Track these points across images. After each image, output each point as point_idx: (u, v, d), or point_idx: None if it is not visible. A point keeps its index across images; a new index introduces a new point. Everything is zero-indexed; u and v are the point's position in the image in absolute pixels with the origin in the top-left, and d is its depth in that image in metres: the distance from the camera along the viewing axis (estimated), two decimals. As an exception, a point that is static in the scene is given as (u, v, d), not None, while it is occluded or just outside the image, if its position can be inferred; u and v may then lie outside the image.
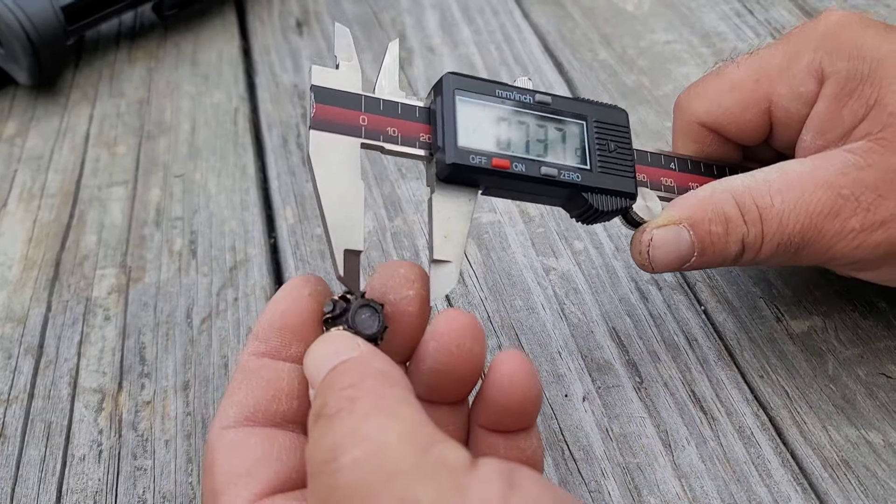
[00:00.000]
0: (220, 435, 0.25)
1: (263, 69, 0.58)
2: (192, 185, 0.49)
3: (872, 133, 0.31)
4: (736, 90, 0.34)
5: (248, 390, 0.26)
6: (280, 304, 0.27)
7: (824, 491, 0.32)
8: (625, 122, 0.33)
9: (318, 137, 0.29)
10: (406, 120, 0.31)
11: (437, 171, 0.30)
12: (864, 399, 0.35)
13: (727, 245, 0.31)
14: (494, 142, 0.31)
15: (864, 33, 0.32)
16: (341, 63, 0.31)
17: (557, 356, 0.38)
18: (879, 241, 0.30)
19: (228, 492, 0.24)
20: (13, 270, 0.45)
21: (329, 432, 0.21)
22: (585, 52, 0.56)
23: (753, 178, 0.32)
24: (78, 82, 0.58)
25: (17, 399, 0.38)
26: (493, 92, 0.31)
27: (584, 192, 0.31)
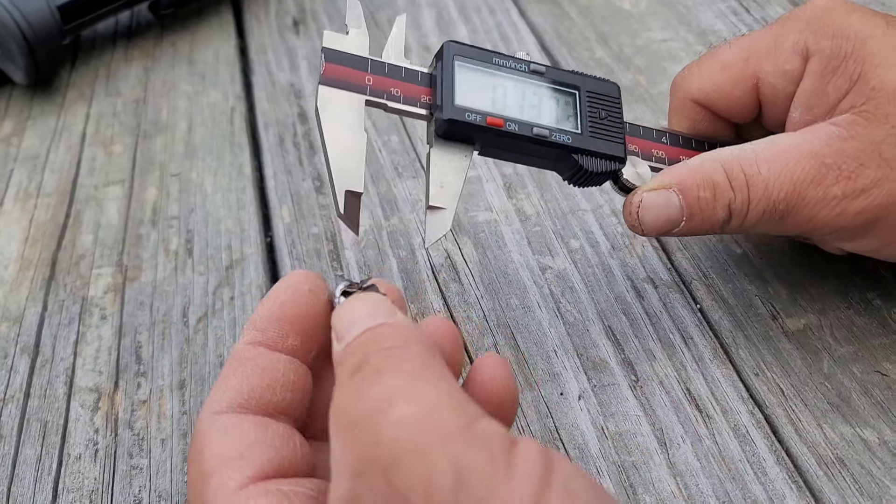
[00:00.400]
0: (212, 419, 0.25)
1: (260, 68, 0.58)
2: (188, 185, 0.49)
3: (856, 106, 0.32)
4: (726, 68, 0.35)
5: (242, 377, 0.26)
6: (280, 295, 0.27)
7: (819, 489, 0.32)
8: (616, 93, 0.35)
9: (326, 92, 0.32)
10: (409, 83, 0.33)
11: (436, 126, 0.33)
12: (859, 397, 0.35)
13: (714, 210, 0.33)
14: (490, 103, 0.33)
15: (848, 16, 0.33)
16: (351, 30, 0.33)
17: (553, 354, 0.38)
18: (861, 209, 0.32)
19: (220, 473, 0.24)
20: (9, 270, 0.45)
21: (377, 385, 0.21)
22: (582, 50, 0.56)
23: (743, 149, 0.33)
24: (74, 81, 0.58)
25: (13, 398, 0.38)
26: (490, 59, 0.34)
27: (574, 153, 0.33)
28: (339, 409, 0.22)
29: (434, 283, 0.41)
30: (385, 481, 0.19)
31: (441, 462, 0.19)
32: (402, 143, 0.50)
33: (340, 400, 0.22)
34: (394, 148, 0.50)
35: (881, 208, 0.32)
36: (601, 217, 0.44)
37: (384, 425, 0.20)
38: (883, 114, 0.31)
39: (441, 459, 0.19)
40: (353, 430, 0.21)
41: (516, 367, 0.37)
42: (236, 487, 0.23)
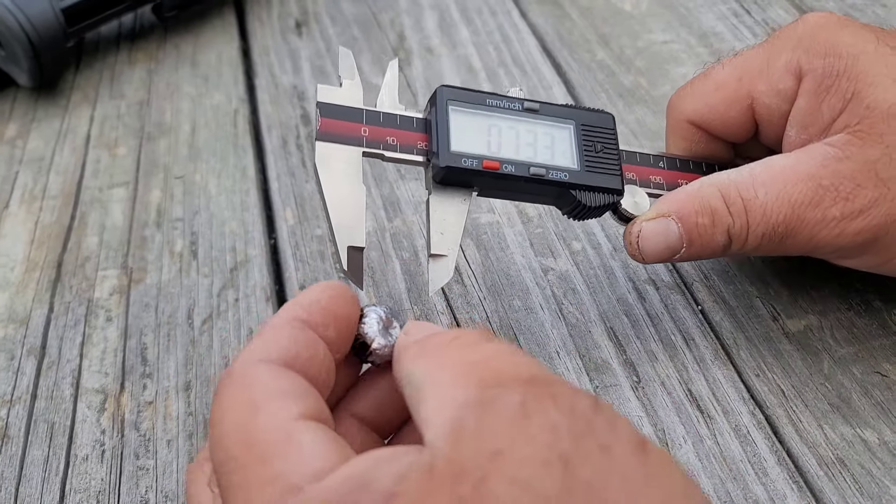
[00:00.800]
0: (258, 365, 0.24)
1: (263, 70, 0.59)
2: (192, 187, 0.49)
3: (850, 125, 0.32)
4: (720, 89, 0.36)
5: (291, 339, 0.25)
6: (330, 290, 0.27)
7: (819, 489, 0.32)
8: (611, 124, 0.35)
9: (323, 148, 0.32)
10: (404, 130, 0.34)
11: (433, 174, 0.33)
12: (860, 397, 0.35)
13: (714, 236, 0.33)
14: (485, 145, 0.33)
15: (840, 33, 0.33)
16: (344, 81, 0.34)
17: (556, 356, 0.38)
18: (859, 229, 0.32)
19: (276, 403, 0.23)
20: (15, 272, 0.45)
21: (492, 344, 0.24)
22: (583, 52, 0.56)
23: (739, 173, 0.33)
24: (78, 84, 0.58)
25: (20, 400, 0.38)
26: (483, 101, 0.34)
27: (572, 189, 0.34)
28: (444, 356, 0.24)
29: (437, 285, 0.42)
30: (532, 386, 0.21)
31: (579, 389, 0.22)
32: (404, 145, 0.51)
33: (445, 352, 0.24)
34: (396, 150, 0.50)
35: (879, 228, 0.32)
36: (603, 219, 0.44)
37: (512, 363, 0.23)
38: (878, 133, 0.31)
39: (577, 388, 0.22)
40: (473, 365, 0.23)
41: (519, 368, 0.37)
42: (295, 417, 0.23)
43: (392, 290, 0.42)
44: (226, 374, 0.25)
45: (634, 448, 0.20)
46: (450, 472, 0.19)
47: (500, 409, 0.20)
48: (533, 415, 0.20)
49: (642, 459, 0.20)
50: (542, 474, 0.19)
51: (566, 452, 0.19)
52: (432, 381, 0.23)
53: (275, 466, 0.22)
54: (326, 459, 0.22)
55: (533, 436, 0.20)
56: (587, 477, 0.19)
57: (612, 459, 0.20)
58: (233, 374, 0.24)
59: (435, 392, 0.22)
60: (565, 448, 0.19)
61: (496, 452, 0.19)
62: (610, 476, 0.19)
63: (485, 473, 0.19)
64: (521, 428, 0.20)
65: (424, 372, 0.24)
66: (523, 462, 0.19)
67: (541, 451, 0.19)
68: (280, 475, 0.21)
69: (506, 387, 0.21)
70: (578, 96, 0.53)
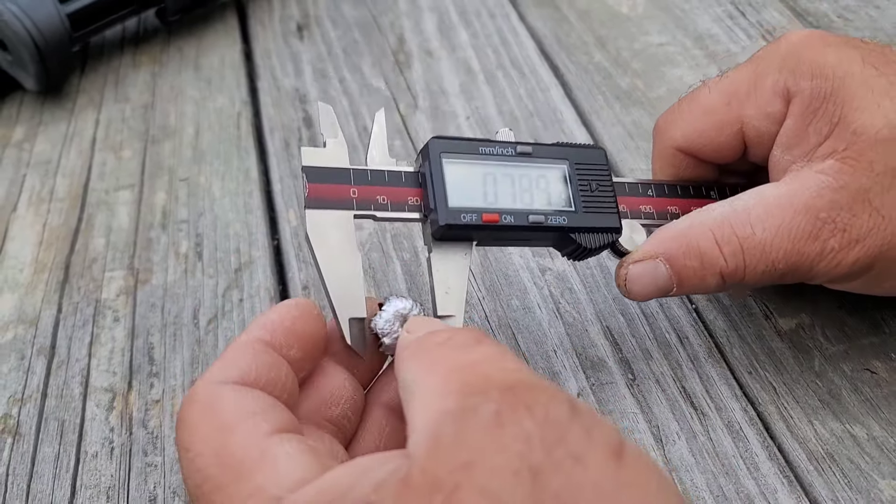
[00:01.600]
0: (220, 387, 0.25)
1: (265, 73, 0.59)
2: (196, 189, 0.50)
3: (838, 151, 0.32)
4: (709, 114, 0.35)
5: (252, 362, 0.26)
6: (293, 310, 0.28)
7: (809, 483, 0.33)
8: (604, 160, 0.35)
9: (314, 216, 0.31)
10: (394, 186, 0.33)
11: (433, 231, 0.32)
12: (849, 394, 0.36)
13: (704, 278, 0.33)
14: (483, 197, 0.33)
15: (825, 52, 0.33)
16: (328, 141, 0.33)
17: (553, 354, 0.39)
18: (856, 258, 0.32)
19: (248, 422, 0.24)
20: (24, 273, 0.46)
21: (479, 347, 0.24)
22: (581, 54, 0.57)
23: (733, 207, 0.33)
24: (84, 87, 0.59)
25: (31, 398, 0.39)
26: (476, 150, 0.33)
27: (571, 233, 0.33)
28: (434, 359, 0.24)
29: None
30: (509, 394, 0.21)
31: (558, 394, 0.22)
32: (405, 147, 0.52)
33: (434, 354, 0.24)
34: (397, 152, 0.51)
35: (875, 256, 0.32)
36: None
37: (499, 369, 0.23)
38: (867, 160, 0.31)
39: (558, 392, 0.22)
40: (460, 370, 0.23)
41: (517, 366, 0.38)
42: (268, 433, 0.23)
43: (393, 289, 0.43)
44: (188, 397, 0.25)
45: (609, 455, 0.20)
46: (425, 482, 0.20)
47: (477, 419, 0.21)
48: (507, 424, 0.20)
49: (617, 466, 0.20)
50: (511, 485, 0.19)
51: (537, 463, 0.19)
52: (420, 385, 0.23)
53: (254, 481, 0.22)
54: (305, 470, 0.23)
55: (505, 446, 0.20)
56: (557, 488, 0.19)
57: (584, 469, 0.20)
58: (197, 398, 0.25)
59: (421, 398, 0.23)
60: (536, 458, 0.20)
61: (469, 463, 0.20)
62: (581, 486, 0.19)
63: (457, 484, 0.19)
64: (494, 438, 0.20)
65: (414, 375, 0.24)
66: (494, 473, 0.19)
67: (511, 461, 0.20)
68: (259, 489, 0.22)
69: (485, 395, 0.21)
70: (576, 98, 0.54)
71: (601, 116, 0.52)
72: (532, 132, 0.52)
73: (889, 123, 0.31)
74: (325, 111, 0.33)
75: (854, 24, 0.56)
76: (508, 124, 0.52)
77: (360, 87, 0.57)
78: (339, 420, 0.29)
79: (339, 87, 0.57)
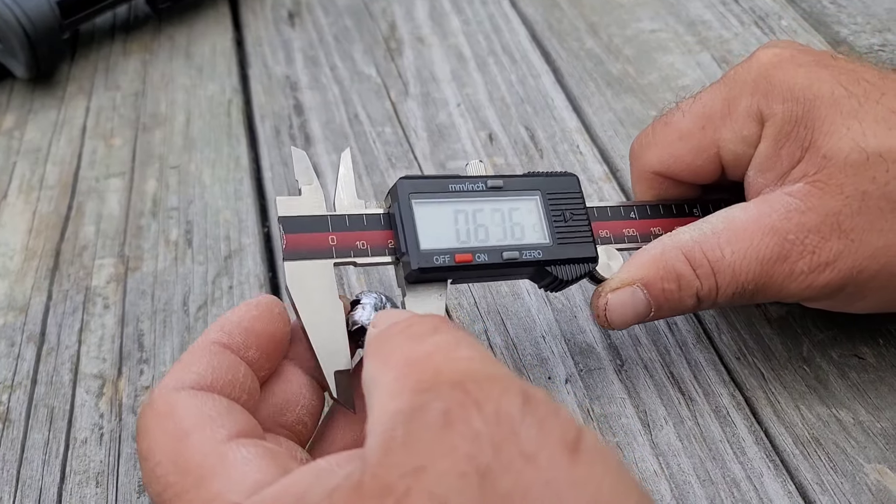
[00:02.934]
0: (176, 393, 0.25)
1: (256, 61, 0.59)
2: (187, 176, 0.50)
3: (809, 174, 0.32)
4: (684, 139, 0.35)
5: (208, 366, 0.26)
6: (252, 309, 0.28)
7: (795, 467, 0.33)
8: (576, 187, 0.35)
9: (292, 268, 0.30)
10: (372, 230, 0.32)
11: (406, 274, 0.32)
12: (836, 379, 0.36)
13: (682, 300, 0.33)
14: (455, 237, 0.32)
15: (796, 73, 0.33)
16: (303, 188, 0.32)
17: (541, 340, 0.39)
18: (827, 281, 0.32)
19: (204, 428, 0.24)
20: (14, 261, 0.46)
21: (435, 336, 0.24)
22: (572, 41, 0.57)
23: (701, 231, 0.33)
24: (74, 75, 0.59)
25: (21, 385, 0.39)
26: (445, 188, 0.33)
27: (547, 266, 0.33)
28: (388, 353, 0.24)
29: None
30: (458, 390, 0.21)
31: (511, 385, 0.21)
32: (395, 134, 0.52)
33: (389, 347, 0.24)
34: (387, 139, 0.51)
35: (846, 279, 0.32)
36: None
37: (451, 359, 0.23)
38: (836, 184, 0.31)
39: (511, 383, 0.21)
40: (412, 364, 0.23)
41: (505, 352, 0.38)
42: (225, 438, 0.24)
43: (383, 278, 0.43)
44: (146, 405, 0.25)
45: (563, 450, 0.20)
46: (376, 487, 0.19)
47: (426, 419, 0.20)
48: (455, 424, 0.20)
49: (570, 462, 0.20)
50: (459, 488, 0.19)
51: (485, 463, 0.19)
52: (377, 383, 0.23)
53: (213, 487, 0.22)
54: (264, 473, 0.23)
55: (453, 447, 0.19)
56: (507, 488, 0.19)
57: (535, 467, 0.19)
58: (154, 405, 0.25)
59: (378, 397, 0.23)
60: (485, 459, 0.19)
61: (419, 467, 0.19)
62: (531, 485, 0.19)
63: (407, 489, 0.19)
64: (443, 439, 0.20)
65: (374, 372, 0.24)
66: (442, 476, 0.19)
67: (459, 463, 0.19)
68: (218, 494, 0.22)
69: (435, 392, 0.21)
70: (567, 85, 0.54)
71: (592, 103, 0.52)
72: (523, 119, 0.52)
73: (857, 147, 0.31)
74: (298, 157, 0.32)
75: (847, 10, 0.56)
76: (499, 111, 0.52)
77: (351, 74, 0.57)
78: (294, 425, 0.29)
79: (331, 74, 0.57)
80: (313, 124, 0.53)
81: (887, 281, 0.32)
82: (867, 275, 0.32)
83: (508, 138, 0.50)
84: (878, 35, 0.54)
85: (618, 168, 0.48)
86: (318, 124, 0.53)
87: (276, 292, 0.43)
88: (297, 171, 0.32)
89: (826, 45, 0.53)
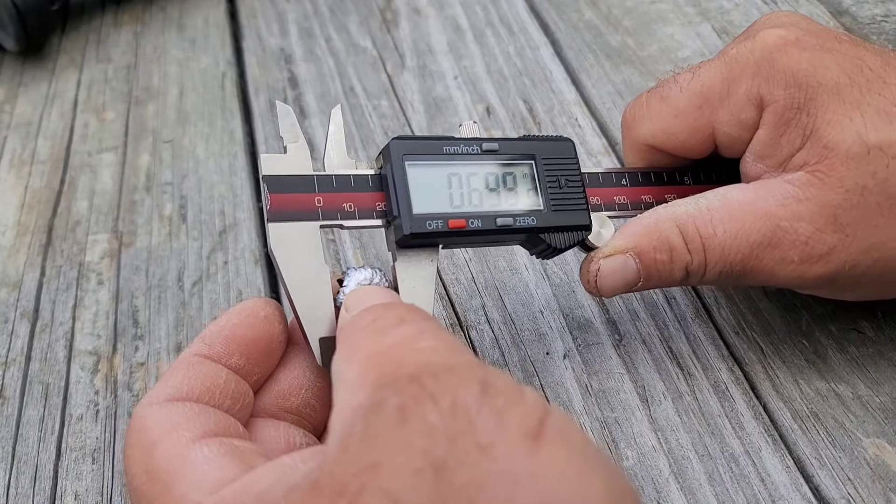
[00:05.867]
0: (148, 408, 0.26)
1: (250, 33, 0.58)
2: (180, 151, 0.50)
3: (809, 164, 0.31)
4: (679, 117, 0.34)
5: (184, 378, 0.27)
6: (233, 317, 0.28)
7: (793, 441, 0.33)
8: (571, 152, 0.34)
9: (277, 230, 0.29)
10: (360, 192, 0.31)
11: (397, 239, 0.31)
12: (835, 353, 0.36)
13: (672, 271, 0.33)
14: (448, 201, 0.31)
15: (799, 58, 0.32)
16: (288, 146, 0.31)
17: (539, 315, 0.39)
18: (819, 274, 0.32)
19: (169, 436, 0.24)
20: (6, 236, 0.45)
21: (400, 328, 0.24)
22: (571, 12, 0.56)
23: (697, 206, 0.33)
24: (65, 47, 0.58)
25: (15, 361, 0.39)
26: (440, 150, 0.32)
27: (541, 233, 0.32)
28: (353, 346, 0.24)
29: (424, 247, 0.42)
30: (414, 385, 0.21)
31: (469, 375, 0.21)
32: (391, 108, 0.51)
33: (354, 341, 0.24)
34: (384, 112, 0.51)
35: (838, 272, 0.32)
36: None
37: (412, 351, 0.22)
38: (837, 176, 0.31)
39: (469, 373, 0.21)
40: (375, 357, 0.23)
41: (503, 327, 0.38)
42: (189, 441, 0.24)
43: (379, 252, 0.42)
44: (128, 424, 0.26)
45: (523, 438, 0.19)
46: (332, 485, 0.19)
47: (383, 415, 0.20)
48: (410, 419, 0.20)
49: (530, 451, 0.19)
50: (413, 485, 0.18)
51: (440, 458, 0.19)
52: (341, 377, 0.23)
53: (177, 490, 0.23)
54: (225, 471, 0.23)
55: (408, 443, 0.19)
56: (463, 482, 0.18)
57: (491, 458, 0.19)
58: (131, 422, 0.26)
59: (341, 392, 0.23)
60: (440, 453, 0.19)
61: (373, 465, 0.19)
62: (487, 477, 0.19)
63: (362, 487, 0.19)
64: (398, 435, 0.19)
65: (339, 366, 0.24)
66: (396, 473, 0.19)
67: (414, 459, 0.19)
68: (182, 497, 0.23)
69: (393, 387, 0.21)
70: (566, 57, 0.53)
71: (591, 75, 0.51)
72: (521, 91, 0.51)
73: (859, 140, 0.31)
74: (283, 112, 0.31)
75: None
76: (497, 83, 0.52)
77: (346, 46, 0.56)
78: (301, 409, 0.29)
79: (325, 46, 0.56)
80: (308, 97, 0.52)
81: (878, 276, 0.32)
82: (860, 270, 0.31)
83: (506, 111, 0.50)
84: (881, 6, 0.53)
85: (616, 141, 0.47)
86: (313, 97, 0.52)
87: (272, 267, 0.43)
88: (282, 127, 0.31)
89: (828, 15, 0.52)
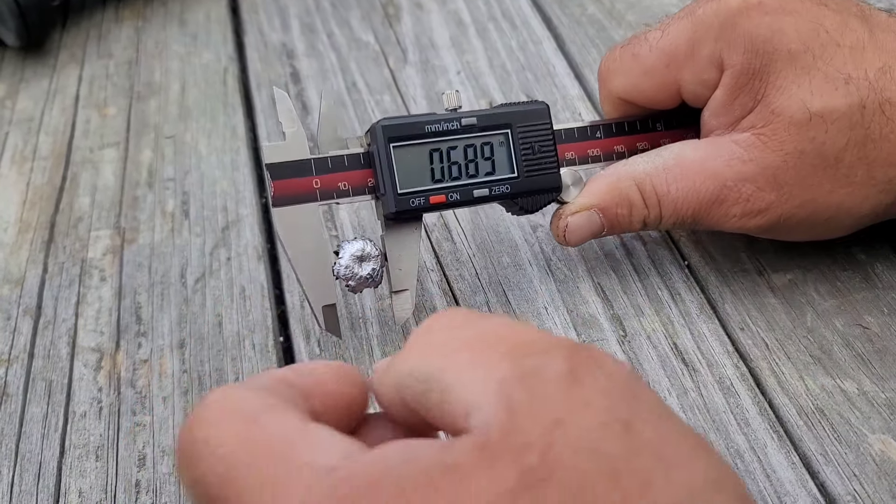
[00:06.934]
0: (235, 389, 0.22)
1: (252, 28, 0.58)
2: (182, 146, 0.49)
3: (756, 126, 0.35)
4: (648, 74, 0.37)
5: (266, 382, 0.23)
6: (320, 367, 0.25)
7: (799, 438, 0.33)
8: (546, 116, 0.37)
9: (281, 214, 0.33)
10: (353, 171, 0.35)
11: (384, 214, 0.35)
12: (841, 349, 0.36)
13: (631, 223, 0.37)
14: (430, 177, 0.35)
15: (759, 22, 0.34)
16: (286, 132, 0.34)
17: (544, 311, 0.38)
18: (758, 224, 0.36)
19: (274, 412, 0.21)
20: (9, 233, 0.45)
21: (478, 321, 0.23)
22: (574, 6, 0.56)
23: (654, 165, 0.37)
24: (66, 43, 0.58)
25: (18, 359, 0.39)
26: (422, 129, 0.35)
27: (514, 198, 0.36)
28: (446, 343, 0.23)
29: (427, 243, 0.42)
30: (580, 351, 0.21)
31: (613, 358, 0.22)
32: (394, 102, 0.51)
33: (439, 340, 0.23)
34: (386, 107, 0.50)
35: (774, 223, 0.36)
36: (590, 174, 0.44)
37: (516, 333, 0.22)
38: (779, 140, 0.34)
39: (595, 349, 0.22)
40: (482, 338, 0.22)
41: (508, 323, 0.38)
42: (303, 419, 0.21)
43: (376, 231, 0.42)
44: (199, 406, 0.22)
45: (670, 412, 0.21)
46: (510, 444, 0.19)
47: (548, 379, 0.20)
48: (584, 380, 0.20)
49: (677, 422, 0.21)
50: (605, 437, 0.19)
51: (624, 416, 0.20)
52: (444, 368, 0.21)
53: (301, 458, 0.20)
54: (353, 444, 0.21)
55: (587, 401, 0.20)
56: (648, 437, 0.20)
57: (665, 421, 0.20)
58: (208, 403, 0.22)
59: (457, 377, 0.21)
60: (622, 412, 0.20)
61: (556, 421, 0.19)
62: (670, 435, 0.20)
63: (549, 442, 0.19)
64: (574, 394, 0.20)
65: (424, 363, 0.22)
66: (584, 428, 0.19)
67: (599, 414, 0.20)
68: (308, 464, 0.20)
69: (546, 354, 0.21)
70: (569, 51, 0.53)
71: (594, 70, 0.51)
72: (524, 86, 0.51)
73: (802, 107, 0.34)
74: (280, 98, 0.34)
75: None
76: (500, 78, 0.51)
77: (348, 41, 0.56)
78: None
79: (327, 41, 0.56)
80: (310, 92, 0.52)
81: (810, 225, 0.36)
82: (794, 221, 0.36)
83: (509, 106, 0.50)
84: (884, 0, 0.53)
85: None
86: (315, 92, 0.52)
87: (275, 263, 0.43)
88: (281, 113, 0.34)
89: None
